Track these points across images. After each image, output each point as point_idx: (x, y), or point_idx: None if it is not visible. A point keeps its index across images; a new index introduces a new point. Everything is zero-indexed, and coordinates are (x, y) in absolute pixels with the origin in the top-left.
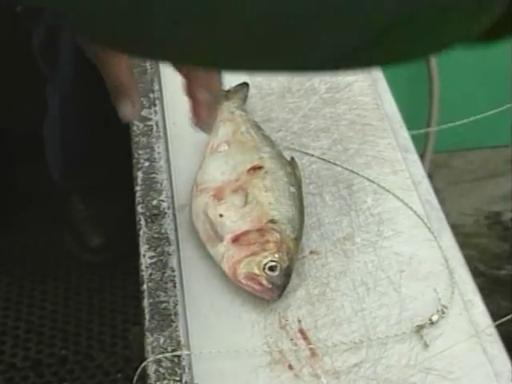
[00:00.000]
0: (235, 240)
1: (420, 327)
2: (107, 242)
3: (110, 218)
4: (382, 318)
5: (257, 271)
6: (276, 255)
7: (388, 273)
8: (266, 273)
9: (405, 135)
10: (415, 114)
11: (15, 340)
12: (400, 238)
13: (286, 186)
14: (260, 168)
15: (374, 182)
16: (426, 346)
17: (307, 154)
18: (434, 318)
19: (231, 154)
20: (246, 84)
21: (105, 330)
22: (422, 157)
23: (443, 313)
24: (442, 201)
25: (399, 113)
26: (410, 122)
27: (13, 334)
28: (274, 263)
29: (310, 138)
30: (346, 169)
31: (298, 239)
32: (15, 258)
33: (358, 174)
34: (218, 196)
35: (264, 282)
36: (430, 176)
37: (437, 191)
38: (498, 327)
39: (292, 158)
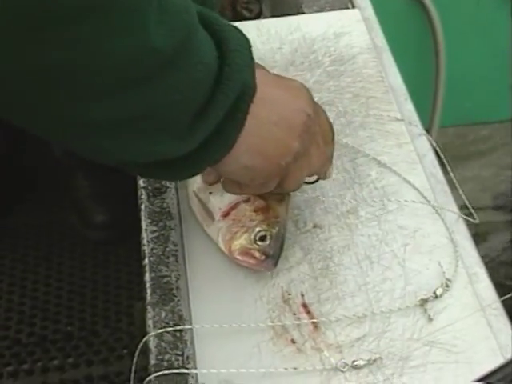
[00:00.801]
0: (226, 215)
1: (424, 301)
2: (111, 218)
3: (113, 194)
4: (386, 291)
5: (249, 245)
6: (264, 224)
7: (392, 246)
8: (257, 244)
9: (409, 108)
10: (421, 88)
11: (21, 316)
12: (404, 211)
13: None
14: None
15: (369, 157)
16: (430, 319)
17: None
18: (438, 291)
19: None
20: None
21: (110, 306)
22: (428, 131)
23: (447, 286)
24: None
25: (404, 85)
26: (416, 95)
27: (18, 310)
28: (263, 233)
29: None
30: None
31: (284, 200)
32: (19, 235)
33: (358, 149)
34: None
35: (257, 254)
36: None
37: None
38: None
39: None
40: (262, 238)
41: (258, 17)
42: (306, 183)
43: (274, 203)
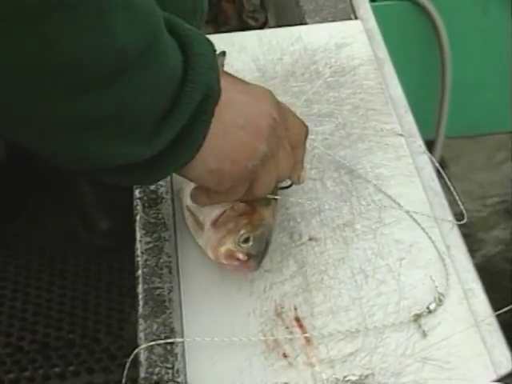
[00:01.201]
0: (214, 223)
1: (418, 316)
2: (115, 225)
3: (118, 201)
4: (380, 306)
5: (233, 248)
6: (248, 226)
7: (387, 260)
8: (241, 246)
9: (409, 120)
10: (427, 98)
11: (23, 323)
12: (401, 225)
13: None
14: None
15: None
16: (424, 335)
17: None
18: (432, 306)
19: None
20: (223, 53)
21: (112, 314)
22: (433, 142)
23: (440, 301)
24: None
25: (405, 97)
26: (421, 106)
27: (21, 316)
28: (246, 235)
29: (313, 122)
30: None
31: (270, 202)
32: (24, 241)
33: (348, 165)
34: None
35: (240, 255)
36: (444, 161)
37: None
38: (499, 316)
39: None
40: (246, 240)
41: (263, 26)
42: (281, 188)
43: (261, 207)
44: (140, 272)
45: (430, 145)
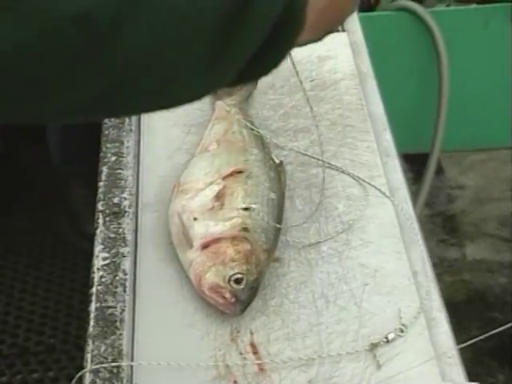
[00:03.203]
0: (205, 247)
1: (374, 346)
2: None
3: None
4: (339, 333)
5: (221, 283)
6: (244, 267)
7: (351, 285)
8: (230, 285)
9: (388, 138)
10: (424, 111)
11: (4, 326)
12: (368, 248)
13: (266, 191)
14: (242, 172)
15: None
16: (378, 366)
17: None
18: (391, 336)
19: (218, 155)
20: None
21: None
22: (429, 155)
23: (402, 331)
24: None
25: (385, 114)
26: (418, 119)
27: (2, 319)
28: (240, 275)
29: (288, 137)
30: (322, 161)
31: (269, 250)
32: (12, 243)
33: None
34: (196, 199)
35: (227, 295)
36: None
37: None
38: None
39: (280, 162)
40: (238, 281)
41: None
42: None
43: (259, 251)
44: (94, 290)
45: (425, 158)
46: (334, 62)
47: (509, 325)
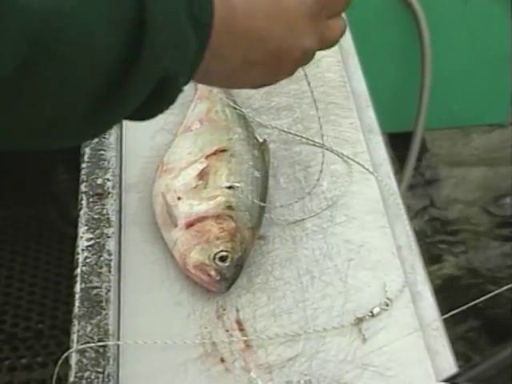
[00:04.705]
0: (190, 225)
1: (360, 320)
2: None
3: None
4: (324, 309)
5: (206, 261)
6: (228, 245)
7: (335, 261)
8: (215, 263)
9: (370, 115)
10: (407, 89)
11: None
12: (352, 224)
13: (250, 170)
14: (226, 150)
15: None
16: (364, 340)
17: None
18: (376, 310)
19: (201, 134)
20: None
21: None
22: (412, 134)
23: (387, 305)
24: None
25: (368, 91)
26: (402, 98)
27: None
28: (225, 253)
29: (271, 115)
30: (305, 138)
31: (254, 228)
32: None
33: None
34: (180, 178)
35: (212, 272)
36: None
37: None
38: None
39: (264, 140)
40: (223, 259)
41: None
42: None
43: (244, 229)
44: (79, 270)
45: (409, 136)
46: None
47: (487, 296)
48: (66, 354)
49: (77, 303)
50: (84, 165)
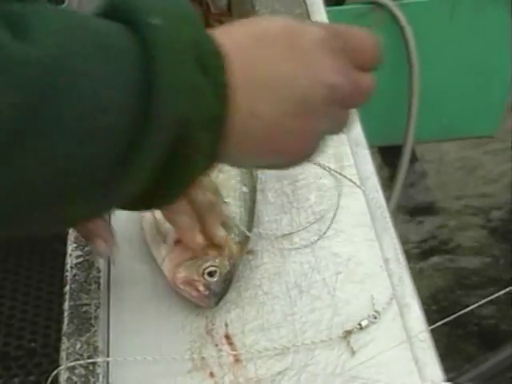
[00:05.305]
0: (178, 242)
1: (348, 333)
2: None
3: None
4: (313, 322)
5: (195, 276)
6: (217, 260)
7: (324, 275)
8: (204, 278)
9: (357, 130)
10: (395, 102)
11: None
12: (340, 237)
13: (238, 185)
14: None
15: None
16: (352, 352)
17: None
18: (364, 323)
19: None
20: None
21: None
22: (402, 147)
23: (375, 318)
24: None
25: None
26: (391, 110)
27: None
28: (213, 268)
29: None
30: None
31: (242, 243)
32: None
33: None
34: None
35: (201, 287)
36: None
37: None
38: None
39: None
40: (211, 274)
41: None
42: None
43: (232, 243)
44: (68, 288)
45: (398, 149)
46: None
47: (475, 305)
48: (55, 372)
49: (66, 320)
50: None
